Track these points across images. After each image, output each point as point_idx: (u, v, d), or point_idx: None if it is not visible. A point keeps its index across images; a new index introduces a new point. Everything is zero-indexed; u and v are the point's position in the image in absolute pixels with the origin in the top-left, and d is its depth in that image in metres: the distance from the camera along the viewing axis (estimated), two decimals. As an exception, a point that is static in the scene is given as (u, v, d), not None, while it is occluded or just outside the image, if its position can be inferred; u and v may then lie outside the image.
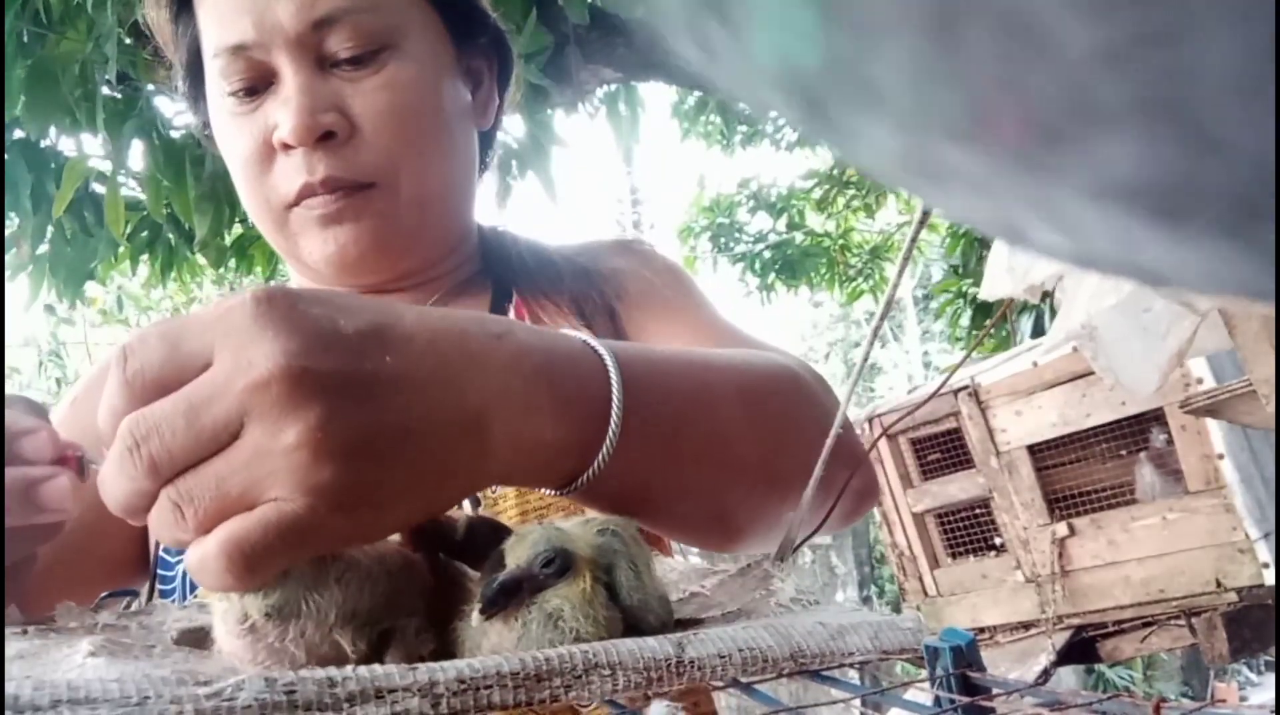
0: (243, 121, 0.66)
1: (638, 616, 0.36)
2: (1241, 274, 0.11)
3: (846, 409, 0.44)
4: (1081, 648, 2.81)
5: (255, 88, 0.65)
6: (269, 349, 0.32)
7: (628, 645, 0.31)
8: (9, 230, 2.50)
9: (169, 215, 2.55)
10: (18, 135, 2.37)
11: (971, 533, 3.03)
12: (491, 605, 0.34)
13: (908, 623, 0.36)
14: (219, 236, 2.58)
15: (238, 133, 0.66)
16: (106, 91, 2.28)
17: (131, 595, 0.64)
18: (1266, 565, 2.41)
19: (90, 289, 3.26)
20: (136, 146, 2.39)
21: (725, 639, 0.33)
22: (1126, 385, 2.49)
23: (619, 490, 0.41)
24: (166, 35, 0.72)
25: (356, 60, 0.65)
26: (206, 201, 2.38)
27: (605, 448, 0.40)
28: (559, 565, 0.35)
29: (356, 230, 0.66)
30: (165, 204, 2.46)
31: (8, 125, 2.30)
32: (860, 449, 0.62)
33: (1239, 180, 0.09)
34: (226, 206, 2.44)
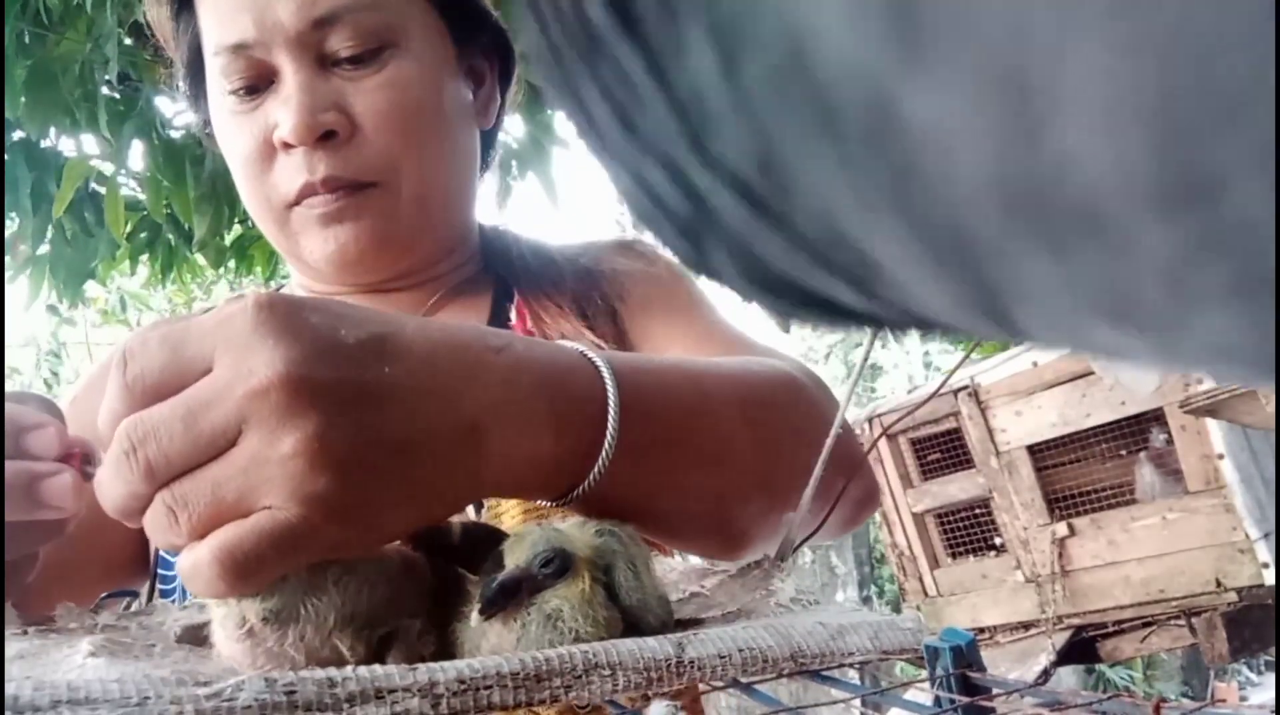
0: (243, 120, 0.66)
1: (637, 617, 0.36)
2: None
3: (846, 409, 0.44)
4: (1081, 648, 2.82)
5: (256, 86, 0.65)
6: (269, 356, 0.32)
7: (627, 645, 0.31)
8: (9, 230, 2.50)
9: (169, 215, 2.55)
10: (18, 135, 2.37)
11: (971, 533, 3.03)
12: (491, 605, 0.34)
13: (908, 623, 0.36)
14: (219, 237, 2.58)
15: (238, 131, 0.66)
16: (106, 91, 2.27)
17: (131, 596, 0.64)
18: (1266, 565, 2.42)
19: (91, 289, 3.25)
20: (136, 146, 2.39)
21: (725, 639, 0.33)
22: (1126, 385, 2.49)
23: (616, 501, 0.41)
24: (167, 33, 0.72)
25: (357, 59, 0.64)
26: (206, 202, 2.38)
27: (601, 460, 0.40)
28: (558, 565, 0.35)
29: (357, 229, 0.66)
30: (165, 204, 2.45)
31: (8, 125, 2.30)
32: (861, 455, 0.62)
33: None
34: (226, 207, 2.43)
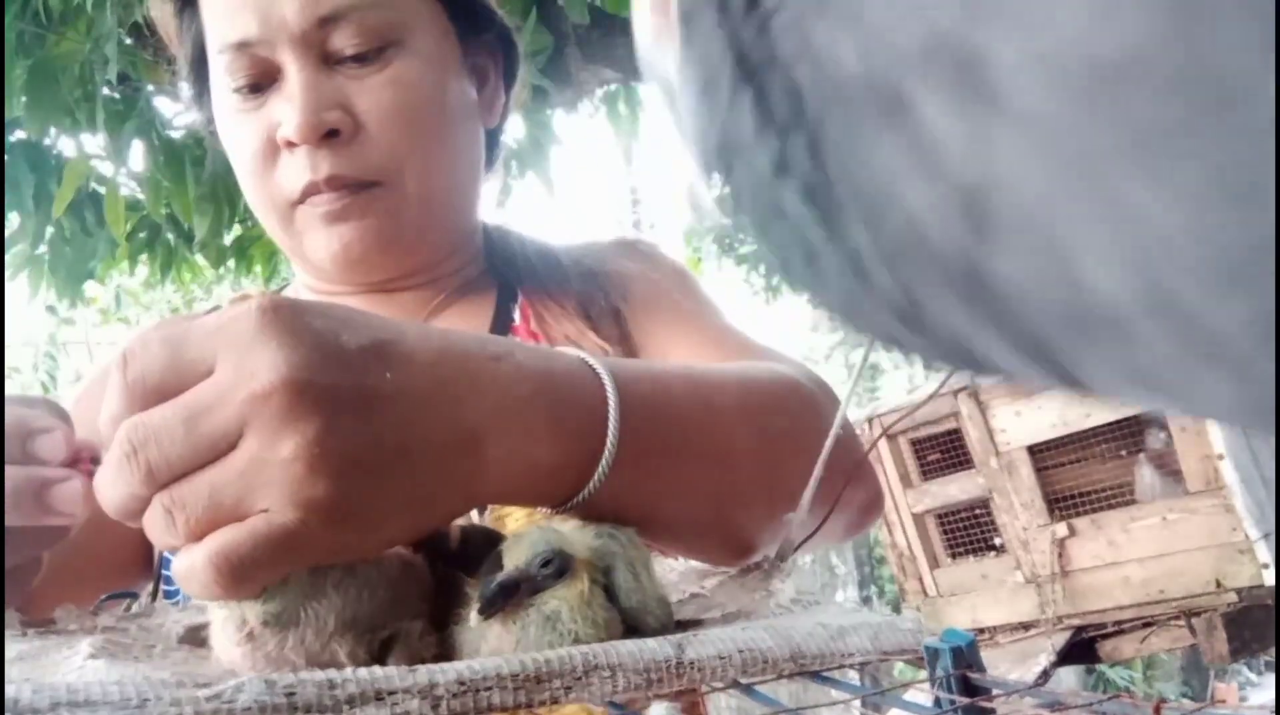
0: (247, 118, 0.66)
1: (637, 618, 0.36)
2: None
3: (846, 409, 0.44)
4: (1081, 648, 2.81)
5: (260, 84, 0.65)
6: (272, 360, 0.32)
7: (627, 646, 0.31)
8: (9, 230, 2.49)
9: (168, 215, 2.55)
10: (18, 135, 2.36)
11: (971, 533, 3.03)
12: (490, 606, 0.34)
13: (908, 623, 0.36)
14: (218, 237, 2.57)
15: (242, 130, 0.66)
16: (106, 92, 2.27)
17: (131, 597, 0.64)
18: (1266, 565, 2.41)
19: (90, 288, 3.25)
20: (136, 146, 2.38)
21: (725, 640, 0.33)
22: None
23: (617, 508, 0.41)
24: (170, 31, 0.71)
25: (361, 57, 0.64)
26: (206, 202, 2.38)
27: (601, 468, 0.40)
28: (557, 566, 0.35)
29: (361, 228, 0.66)
30: (165, 204, 2.45)
31: (8, 125, 2.30)
32: (864, 460, 0.62)
33: None
34: (226, 207, 2.43)
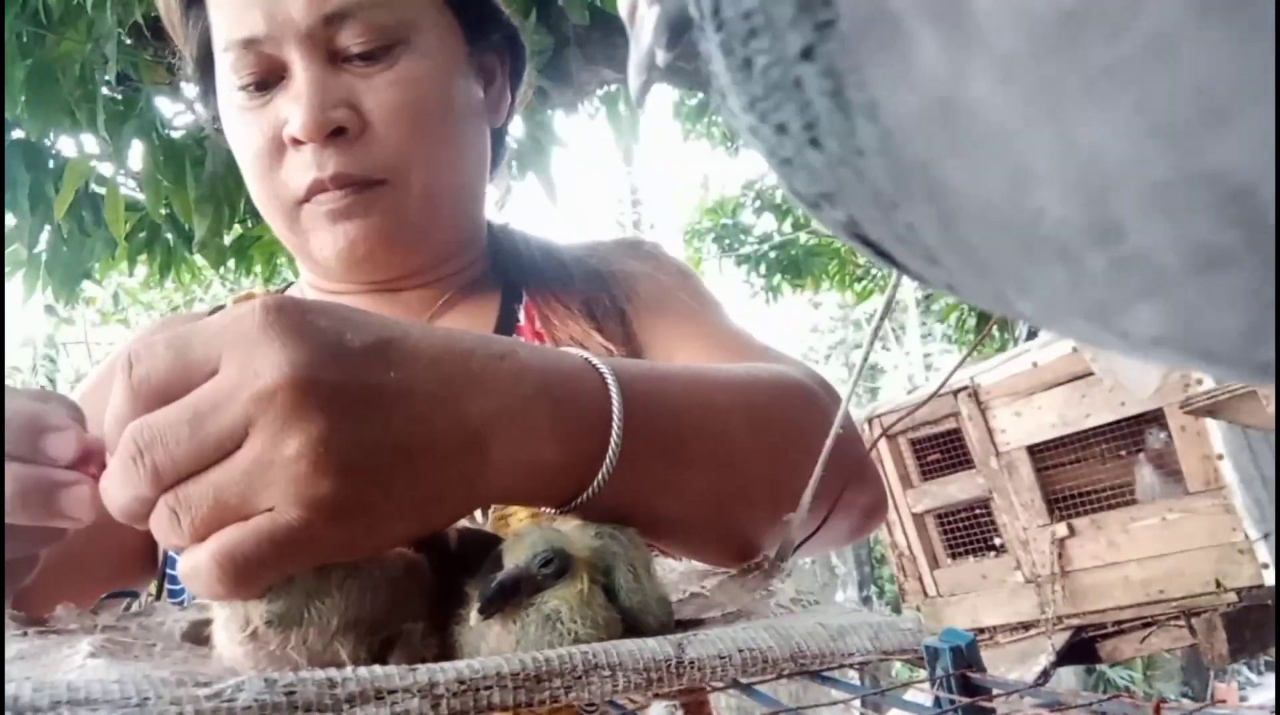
0: (253, 116, 0.66)
1: (637, 618, 0.36)
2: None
3: (847, 408, 0.44)
4: (1081, 648, 2.81)
5: (266, 82, 0.65)
6: (276, 359, 0.32)
7: (627, 646, 0.31)
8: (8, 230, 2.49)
9: (168, 215, 2.55)
10: (17, 135, 2.36)
11: (971, 533, 3.03)
12: (490, 605, 0.34)
13: (907, 623, 0.36)
14: (218, 237, 2.57)
15: (248, 127, 0.66)
16: (106, 92, 2.27)
17: (131, 596, 0.63)
18: (1266, 565, 2.41)
19: (89, 288, 3.25)
20: (136, 147, 2.38)
21: (725, 640, 0.33)
22: (1126, 386, 2.49)
23: (620, 508, 0.41)
24: (177, 27, 0.71)
25: (368, 56, 0.64)
26: (206, 202, 2.38)
27: (604, 468, 0.40)
28: (557, 566, 0.35)
29: (366, 226, 0.66)
30: (165, 204, 2.45)
31: (8, 125, 2.30)
32: (867, 461, 0.61)
33: None
34: (226, 207, 2.43)
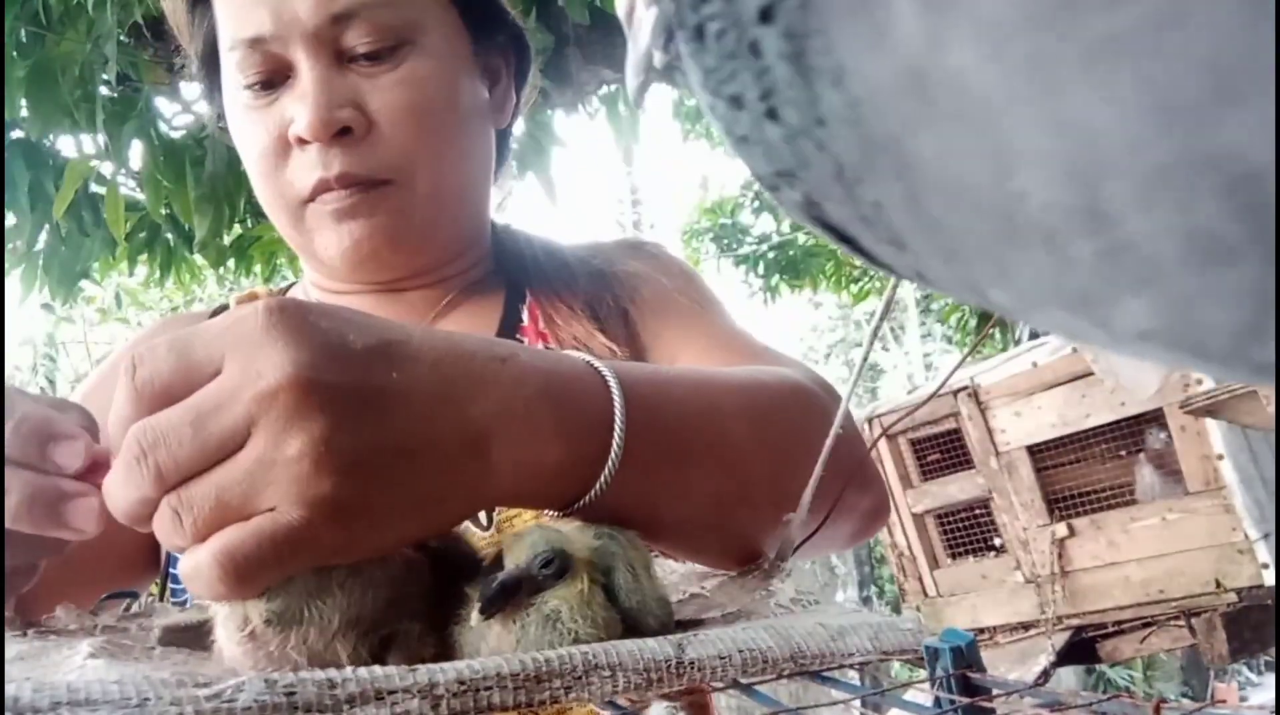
0: (259, 115, 0.66)
1: (637, 618, 0.36)
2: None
3: (847, 408, 0.44)
4: (1081, 648, 2.81)
5: (272, 81, 0.65)
6: (279, 359, 0.32)
7: (627, 646, 0.31)
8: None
9: (167, 215, 2.55)
10: (17, 135, 2.36)
11: (971, 533, 3.03)
12: (490, 605, 0.34)
13: (907, 623, 0.36)
14: (218, 237, 2.57)
15: (253, 127, 0.66)
16: (106, 92, 2.27)
17: (132, 596, 0.63)
18: (1266, 565, 2.41)
19: (89, 287, 3.25)
20: (136, 147, 2.38)
21: (725, 640, 0.33)
22: (1126, 387, 2.49)
23: (622, 511, 0.41)
24: (182, 26, 0.72)
25: (374, 56, 0.64)
26: (206, 202, 2.38)
27: (607, 470, 0.40)
28: (557, 566, 0.35)
29: (371, 226, 0.66)
30: (164, 204, 2.45)
31: (8, 125, 2.30)
32: (869, 463, 0.61)
33: None
34: (226, 207, 2.43)
